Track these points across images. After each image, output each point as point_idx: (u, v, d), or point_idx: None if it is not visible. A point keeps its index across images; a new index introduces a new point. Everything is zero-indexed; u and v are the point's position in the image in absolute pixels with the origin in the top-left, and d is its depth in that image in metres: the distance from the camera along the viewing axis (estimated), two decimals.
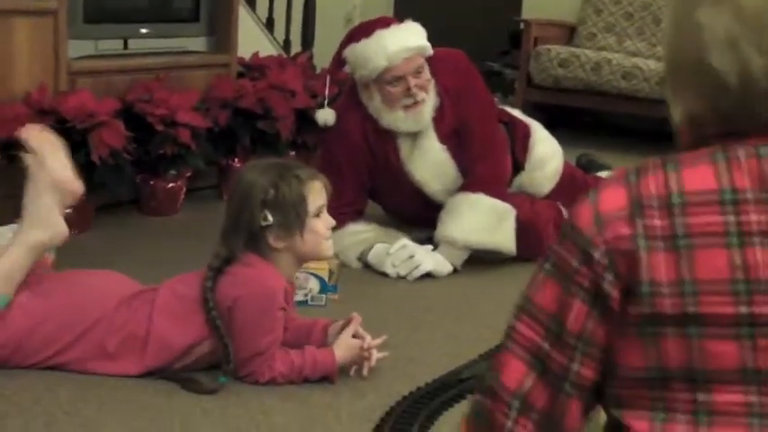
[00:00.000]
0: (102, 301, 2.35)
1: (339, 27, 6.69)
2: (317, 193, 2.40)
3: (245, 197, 2.34)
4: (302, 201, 2.36)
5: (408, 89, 3.27)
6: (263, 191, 2.33)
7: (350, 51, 3.32)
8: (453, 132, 3.39)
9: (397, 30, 3.30)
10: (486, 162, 3.39)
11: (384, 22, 3.36)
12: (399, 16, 6.16)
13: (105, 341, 2.33)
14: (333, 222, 2.45)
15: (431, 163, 3.39)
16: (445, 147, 3.39)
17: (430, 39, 3.37)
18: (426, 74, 3.33)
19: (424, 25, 3.40)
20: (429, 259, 3.28)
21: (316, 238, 2.40)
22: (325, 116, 3.41)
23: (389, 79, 3.28)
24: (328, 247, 2.46)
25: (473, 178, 3.36)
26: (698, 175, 1.06)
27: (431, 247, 3.33)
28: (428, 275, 3.27)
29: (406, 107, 3.31)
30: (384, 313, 2.91)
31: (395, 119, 3.33)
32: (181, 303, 2.36)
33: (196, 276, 2.38)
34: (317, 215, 2.40)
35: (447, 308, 3.04)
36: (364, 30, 3.34)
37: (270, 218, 2.33)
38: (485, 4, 6.94)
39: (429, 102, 3.33)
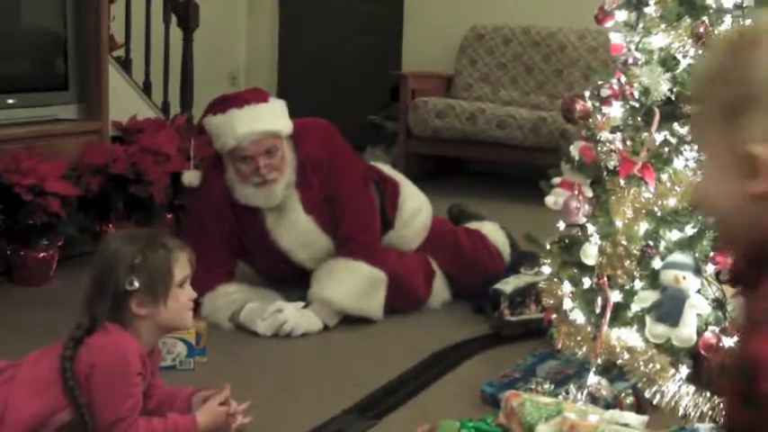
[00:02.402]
0: None
1: (224, 86, 6.72)
2: (182, 265, 2.44)
3: (110, 262, 2.36)
4: (168, 269, 2.40)
5: (258, 168, 3.31)
6: (130, 256, 2.35)
7: (207, 122, 3.37)
8: (321, 201, 3.43)
9: (250, 110, 3.31)
10: (360, 228, 3.46)
11: (240, 101, 3.35)
12: (283, 72, 6.28)
13: None
14: (194, 295, 2.49)
15: (297, 233, 3.43)
16: (311, 217, 3.42)
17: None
18: (281, 154, 3.34)
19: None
20: (303, 321, 3.32)
21: (178, 307, 2.44)
22: (191, 178, 3.46)
23: (239, 156, 3.32)
24: (189, 318, 2.50)
25: (351, 245, 3.42)
26: None
27: (302, 304, 3.38)
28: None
29: (257, 184, 3.34)
30: (252, 374, 2.95)
31: (245, 194, 3.37)
32: (40, 375, 2.35)
33: (58, 347, 2.39)
34: (181, 286, 2.45)
35: (314, 364, 3.09)
36: (221, 105, 3.37)
37: (136, 282, 2.35)
38: (366, 58, 7.06)
39: (282, 180, 3.35)
